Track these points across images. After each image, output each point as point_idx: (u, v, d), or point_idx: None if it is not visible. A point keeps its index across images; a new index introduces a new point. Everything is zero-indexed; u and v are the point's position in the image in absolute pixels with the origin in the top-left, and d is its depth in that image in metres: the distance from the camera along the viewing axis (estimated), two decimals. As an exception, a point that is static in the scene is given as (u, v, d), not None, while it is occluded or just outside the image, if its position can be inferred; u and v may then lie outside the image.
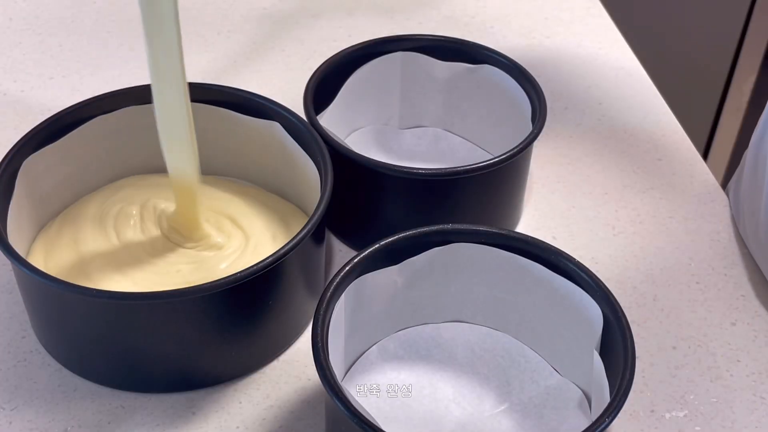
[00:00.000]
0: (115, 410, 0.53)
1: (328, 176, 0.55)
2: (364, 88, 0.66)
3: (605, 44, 0.82)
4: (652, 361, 0.56)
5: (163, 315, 0.50)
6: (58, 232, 0.57)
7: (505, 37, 0.82)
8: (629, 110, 0.75)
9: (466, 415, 0.52)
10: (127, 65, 0.77)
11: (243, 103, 0.61)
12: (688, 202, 0.67)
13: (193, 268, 0.55)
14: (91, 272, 0.54)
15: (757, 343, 0.58)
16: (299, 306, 0.55)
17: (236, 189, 0.61)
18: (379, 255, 0.51)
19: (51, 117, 0.58)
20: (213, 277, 0.50)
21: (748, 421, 0.54)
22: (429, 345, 0.55)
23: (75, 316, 0.51)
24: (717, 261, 0.63)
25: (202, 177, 0.53)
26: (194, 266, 0.55)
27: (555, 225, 0.65)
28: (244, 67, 0.77)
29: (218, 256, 0.55)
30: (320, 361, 0.46)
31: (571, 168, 0.69)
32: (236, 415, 0.53)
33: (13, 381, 0.54)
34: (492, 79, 0.65)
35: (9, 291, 0.58)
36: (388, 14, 0.84)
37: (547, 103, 0.61)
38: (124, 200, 0.58)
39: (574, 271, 0.51)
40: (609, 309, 0.49)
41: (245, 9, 0.84)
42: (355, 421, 0.43)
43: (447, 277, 0.54)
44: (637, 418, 0.54)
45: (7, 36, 0.80)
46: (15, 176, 0.55)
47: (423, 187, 0.58)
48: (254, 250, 0.56)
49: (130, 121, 0.61)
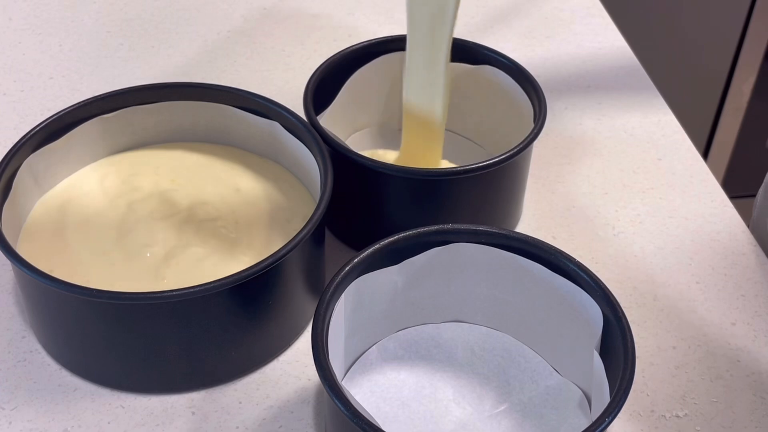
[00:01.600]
0: (115, 410, 0.53)
1: (328, 176, 0.55)
2: (364, 88, 0.66)
3: (605, 44, 0.82)
4: (652, 361, 0.56)
5: (163, 315, 0.50)
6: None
7: (505, 37, 0.82)
8: (629, 110, 0.75)
9: (466, 415, 0.52)
10: (127, 65, 0.77)
11: (243, 103, 0.61)
12: (688, 202, 0.67)
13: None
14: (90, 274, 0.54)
15: (757, 343, 0.58)
16: (299, 306, 0.55)
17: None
18: (379, 255, 0.51)
19: (51, 117, 0.58)
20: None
21: (748, 421, 0.54)
22: (429, 345, 0.55)
23: (75, 316, 0.51)
24: (717, 261, 0.63)
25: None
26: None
27: (555, 225, 0.65)
28: (244, 67, 0.78)
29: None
30: (320, 361, 0.46)
31: (571, 168, 0.69)
32: (236, 415, 0.53)
33: (13, 381, 0.54)
34: (492, 80, 0.65)
35: (9, 291, 0.58)
36: (388, 14, 0.84)
37: (547, 103, 0.61)
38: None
39: (574, 271, 0.51)
40: (609, 309, 0.49)
41: (245, 9, 0.84)
42: (355, 421, 0.43)
43: (447, 277, 0.54)
44: (637, 418, 0.54)
45: (7, 36, 0.80)
46: (15, 176, 0.55)
47: (423, 187, 0.58)
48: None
49: (130, 121, 0.61)
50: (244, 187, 0.60)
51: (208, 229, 0.57)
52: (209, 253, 0.55)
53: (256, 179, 0.61)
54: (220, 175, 0.61)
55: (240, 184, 0.60)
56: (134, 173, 0.61)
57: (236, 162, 0.62)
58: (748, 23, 1.39)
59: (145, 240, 0.56)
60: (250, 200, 0.59)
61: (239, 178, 0.61)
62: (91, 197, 0.59)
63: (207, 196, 0.59)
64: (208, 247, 0.56)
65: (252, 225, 0.58)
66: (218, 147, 0.63)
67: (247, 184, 0.60)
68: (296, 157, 0.60)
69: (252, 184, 0.60)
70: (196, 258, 0.55)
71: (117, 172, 0.61)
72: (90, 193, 0.59)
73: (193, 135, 0.63)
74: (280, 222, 0.58)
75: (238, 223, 0.58)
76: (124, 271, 0.54)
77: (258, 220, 0.58)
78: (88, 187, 0.59)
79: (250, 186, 0.60)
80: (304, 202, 0.59)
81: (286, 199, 0.60)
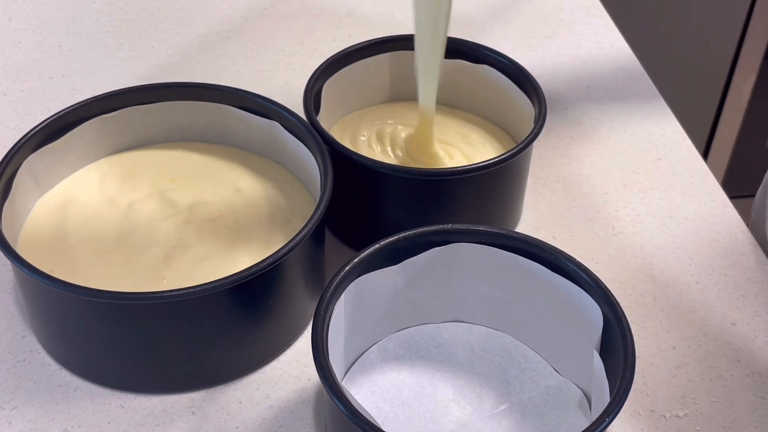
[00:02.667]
0: (115, 410, 0.53)
1: (328, 176, 0.55)
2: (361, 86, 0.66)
3: (605, 44, 0.82)
4: (652, 361, 0.56)
5: (163, 315, 0.50)
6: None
7: (505, 37, 0.82)
8: (629, 110, 0.75)
9: (466, 415, 0.51)
10: (127, 65, 0.77)
11: (243, 103, 0.61)
12: (688, 202, 0.67)
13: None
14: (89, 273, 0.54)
15: (757, 343, 0.58)
16: (299, 306, 0.55)
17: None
18: (379, 255, 0.51)
19: (51, 117, 0.58)
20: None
21: (748, 421, 0.54)
22: (429, 345, 0.55)
23: (75, 316, 0.51)
24: (717, 261, 0.63)
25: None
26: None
27: (555, 225, 0.65)
28: (244, 67, 0.78)
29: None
30: (320, 361, 0.46)
31: (571, 168, 0.69)
32: (236, 415, 0.53)
33: (13, 381, 0.54)
34: (492, 80, 0.65)
35: (9, 291, 0.58)
36: (388, 14, 0.84)
37: (547, 103, 0.61)
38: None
39: (574, 271, 0.51)
40: (609, 309, 0.49)
41: (245, 9, 0.84)
42: (355, 421, 0.43)
43: (447, 277, 0.54)
44: (637, 418, 0.54)
45: (7, 36, 0.80)
46: (15, 176, 0.55)
47: (423, 187, 0.58)
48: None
49: (130, 121, 0.61)
50: (244, 187, 0.60)
51: (208, 229, 0.57)
52: (209, 253, 0.55)
53: (257, 179, 0.61)
54: (220, 175, 0.61)
55: (240, 183, 0.60)
56: (134, 173, 0.61)
57: (236, 162, 0.62)
58: (748, 23, 1.39)
59: (145, 240, 0.56)
60: (251, 200, 0.59)
61: (239, 178, 0.61)
62: (91, 197, 0.59)
63: (207, 196, 0.59)
64: (208, 247, 0.56)
65: (252, 225, 0.58)
66: (218, 147, 0.63)
67: (248, 184, 0.60)
68: (296, 157, 0.60)
69: (252, 184, 0.60)
70: (196, 258, 0.55)
71: (117, 172, 0.61)
72: (90, 193, 0.59)
73: (193, 135, 0.63)
74: (280, 222, 0.58)
75: (238, 223, 0.58)
76: (124, 271, 0.54)
77: (258, 220, 0.58)
78: (88, 187, 0.59)
79: (250, 186, 0.60)
80: (305, 202, 0.59)
81: (286, 199, 0.60)
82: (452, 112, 0.67)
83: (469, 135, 0.65)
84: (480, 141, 0.64)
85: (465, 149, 0.63)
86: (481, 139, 0.65)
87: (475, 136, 0.65)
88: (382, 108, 0.67)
